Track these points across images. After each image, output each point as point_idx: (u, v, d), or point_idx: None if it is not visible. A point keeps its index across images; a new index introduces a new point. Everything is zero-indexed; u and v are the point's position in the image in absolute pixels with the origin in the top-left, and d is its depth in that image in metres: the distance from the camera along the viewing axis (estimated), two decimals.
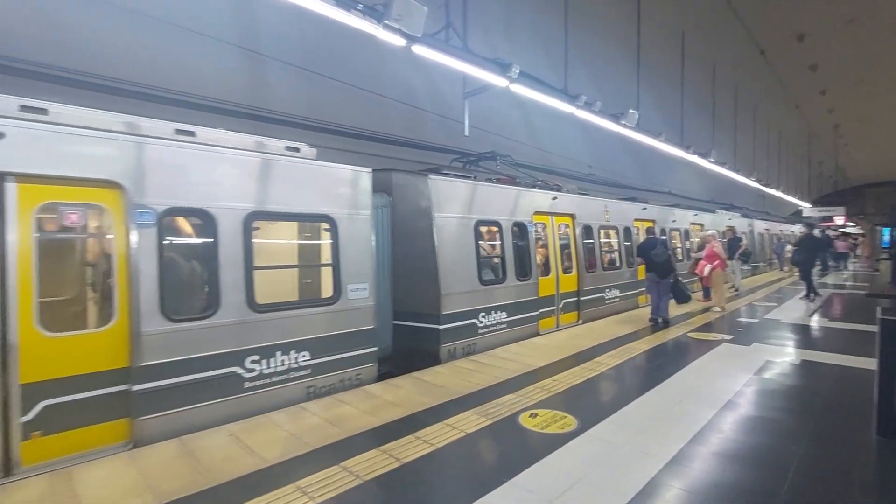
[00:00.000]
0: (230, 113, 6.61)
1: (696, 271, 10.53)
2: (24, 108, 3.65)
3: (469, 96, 8.51)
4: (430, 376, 5.55)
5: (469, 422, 4.16)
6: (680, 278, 9.18)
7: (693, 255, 13.29)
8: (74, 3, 5.68)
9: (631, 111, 9.96)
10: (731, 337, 7.51)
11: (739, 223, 18.32)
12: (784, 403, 4.65)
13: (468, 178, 7.48)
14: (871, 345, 4.52)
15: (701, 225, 15.09)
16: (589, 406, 4.56)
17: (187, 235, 4.56)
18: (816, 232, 14.06)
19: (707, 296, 11.22)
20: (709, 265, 10.03)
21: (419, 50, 5.93)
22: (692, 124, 17.14)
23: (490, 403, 4.60)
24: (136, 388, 3.89)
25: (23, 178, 3.54)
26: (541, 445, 3.67)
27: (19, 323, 3.46)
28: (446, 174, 7.19)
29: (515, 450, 3.64)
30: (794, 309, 10.38)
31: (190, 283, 4.54)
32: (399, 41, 5.57)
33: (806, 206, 33.31)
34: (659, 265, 8.67)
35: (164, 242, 4.11)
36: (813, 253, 12.65)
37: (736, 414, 4.33)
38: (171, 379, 4.05)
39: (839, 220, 34.66)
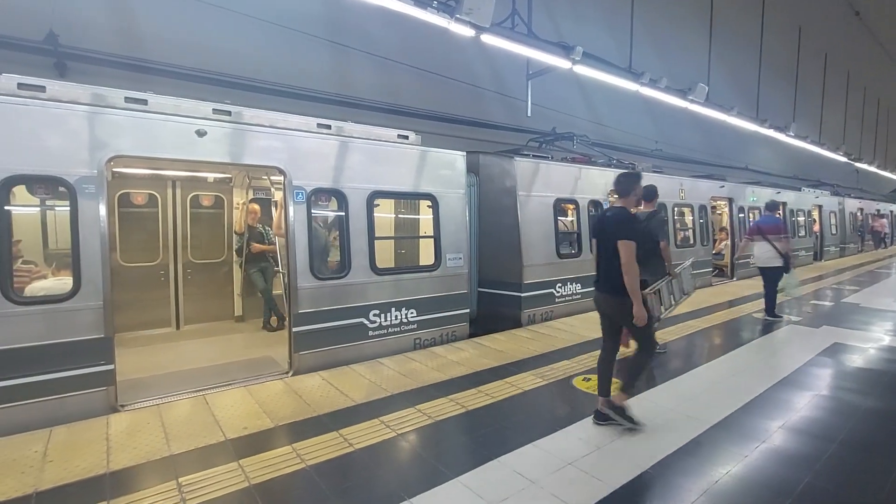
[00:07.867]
0: (319, 100, 7.39)
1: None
2: (216, 112, 4.58)
3: (533, 77, 8.65)
4: (489, 342, 6.05)
5: (526, 381, 4.62)
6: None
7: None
8: (216, 16, 6.91)
9: (700, 85, 9.63)
10: (800, 319, 7.36)
11: (828, 202, 17.13)
12: (845, 383, 4.62)
13: (546, 158, 7.80)
14: None
15: (784, 203, 14.35)
16: (643, 375, 4.81)
17: (327, 211, 5.63)
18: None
19: None
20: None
21: (487, 39, 6.22)
22: (770, 96, 15.99)
23: (545, 367, 5.03)
24: (295, 329, 4.84)
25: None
26: (592, 404, 3.99)
27: None
28: (526, 154, 7.54)
29: (568, 406, 4.06)
30: (877, 293, 9.79)
31: (329, 249, 5.67)
32: (469, 32, 5.90)
33: None
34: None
35: (311, 216, 5.03)
36: None
37: (791, 389, 4.41)
38: (318, 324, 5.06)
39: None
